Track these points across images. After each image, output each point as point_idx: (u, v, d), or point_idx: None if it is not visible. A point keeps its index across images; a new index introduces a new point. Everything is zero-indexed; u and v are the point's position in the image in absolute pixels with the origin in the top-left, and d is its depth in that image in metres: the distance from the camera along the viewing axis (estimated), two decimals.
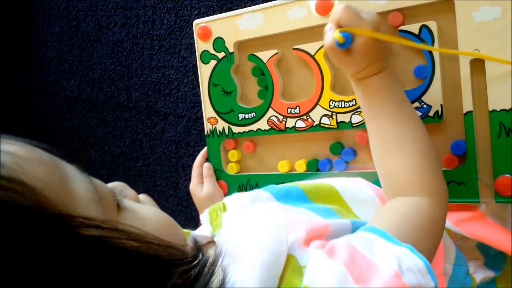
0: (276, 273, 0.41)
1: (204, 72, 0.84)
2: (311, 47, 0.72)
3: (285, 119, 0.77)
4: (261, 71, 0.78)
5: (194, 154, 1.21)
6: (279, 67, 0.77)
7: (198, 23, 0.82)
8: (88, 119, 1.47)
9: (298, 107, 0.75)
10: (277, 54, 0.76)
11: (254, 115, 0.80)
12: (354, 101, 0.70)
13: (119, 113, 1.38)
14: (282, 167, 0.79)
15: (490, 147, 0.60)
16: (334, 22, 0.55)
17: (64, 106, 1.54)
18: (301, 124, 0.75)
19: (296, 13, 0.72)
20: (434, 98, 0.64)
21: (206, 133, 0.86)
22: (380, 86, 0.57)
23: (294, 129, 0.76)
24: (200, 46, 0.83)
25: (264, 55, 0.77)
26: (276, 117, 0.77)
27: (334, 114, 0.72)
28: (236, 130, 0.82)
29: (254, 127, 0.80)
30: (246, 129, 0.81)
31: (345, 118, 0.71)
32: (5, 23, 1.65)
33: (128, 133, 1.37)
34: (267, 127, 0.79)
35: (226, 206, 0.57)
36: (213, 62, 0.82)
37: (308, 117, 0.74)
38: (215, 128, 0.84)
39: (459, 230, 0.65)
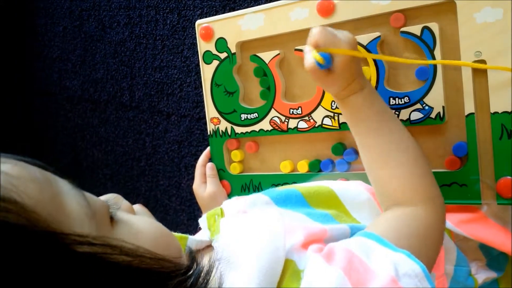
0: (273, 279, 0.41)
1: (206, 72, 0.84)
2: None
3: (287, 120, 0.77)
4: (263, 72, 0.78)
5: (197, 154, 1.21)
6: (281, 68, 0.77)
7: (201, 23, 0.82)
8: (91, 119, 1.47)
9: (300, 108, 0.75)
10: (279, 54, 0.76)
11: (257, 116, 0.80)
12: None
13: (122, 112, 1.38)
14: (285, 168, 0.79)
15: (492, 149, 0.60)
16: (312, 44, 0.56)
17: (67, 105, 1.54)
18: (303, 125, 0.75)
19: (298, 14, 0.72)
20: (436, 100, 0.64)
21: (209, 133, 0.86)
22: (362, 103, 0.58)
23: (296, 129, 0.76)
24: (202, 46, 0.83)
25: (266, 56, 0.77)
26: (278, 117, 0.77)
27: (336, 115, 0.72)
28: (238, 130, 0.82)
29: (256, 128, 0.80)
30: (248, 129, 0.81)
31: None
32: (8, 23, 1.65)
33: (131, 132, 1.38)
34: (270, 128, 0.79)
35: (223, 211, 0.57)
36: (215, 63, 0.82)
37: (310, 118, 0.74)
38: (218, 128, 0.84)
39: (461, 231, 0.65)
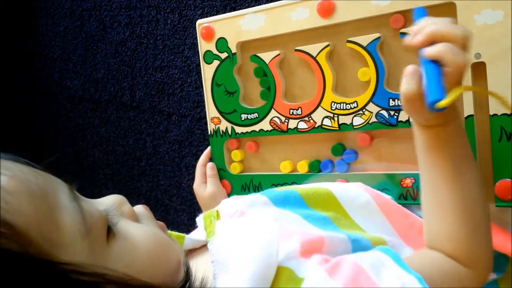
0: (265, 284, 0.41)
1: (207, 72, 0.84)
2: (313, 49, 0.72)
3: (287, 120, 0.77)
4: (263, 72, 0.78)
5: (197, 153, 1.21)
6: (281, 68, 0.78)
7: (201, 23, 0.83)
8: (91, 119, 1.48)
9: (300, 109, 0.75)
10: (279, 55, 0.76)
11: (257, 116, 0.80)
12: (355, 103, 0.70)
13: (123, 112, 1.38)
14: (285, 168, 0.79)
15: (491, 151, 0.60)
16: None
17: (68, 105, 1.54)
18: (303, 125, 0.75)
19: (298, 14, 0.72)
20: None
21: (209, 133, 0.86)
22: (443, 140, 0.49)
23: (296, 130, 0.76)
24: (203, 46, 0.83)
25: (266, 56, 0.77)
26: (278, 118, 0.78)
27: (335, 115, 0.72)
28: (239, 130, 0.82)
29: (256, 128, 0.80)
30: (248, 129, 0.81)
31: (346, 120, 0.71)
32: (9, 23, 1.65)
33: (131, 132, 1.38)
34: (270, 128, 0.79)
35: (219, 213, 0.57)
36: (216, 63, 0.82)
37: (310, 118, 0.75)
38: (218, 128, 0.84)
39: None
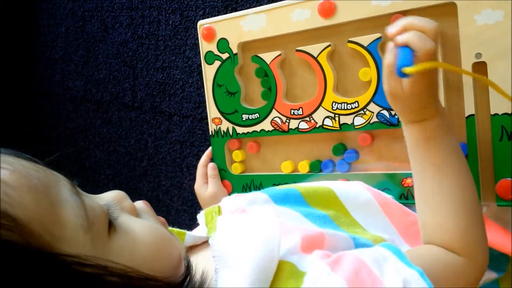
0: (267, 278, 0.41)
1: (208, 72, 0.84)
2: (314, 49, 0.72)
3: (288, 120, 0.77)
4: (264, 72, 0.79)
5: (198, 154, 1.21)
6: (282, 69, 0.78)
7: (202, 24, 0.83)
8: (93, 119, 1.48)
9: (301, 109, 0.75)
10: (280, 55, 0.76)
11: (258, 116, 0.80)
12: (356, 103, 0.70)
13: (124, 113, 1.39)
14: (286, 168, 0.79)
15: (492, 151, 0.60)
16: (401, 42, 0.50)
17: (69, 106, 1.55)
18: (304, 125, 0.76)
19: (299, 14, 0.73)
20: None
21: (210, 133, 0.86)
22: (430, 134, 0.53)
23: (297, 130, 0.76)
24: (204, 46, 0.83)
25: (267, 57, 0.77)
26: (279, 118, 0.78)
27: (336, 116, 0.72)
28: (240, 130, 0.82)
29: (257, 128, 0.80)
30: (250, 129, 0.81)
31: (347, 120, 0.71)
32: (10, 24, 1.66)
33: (133, 133, 1.38)
34: (271, 128, 0.79)
35: (221, 209, 0.57)
36: (217, 63, 0.83)
37: (311, 118, 0.75)
38: (220, 128, 0.85)
39: None
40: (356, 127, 0.71)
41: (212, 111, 0.85)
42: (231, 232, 0.49)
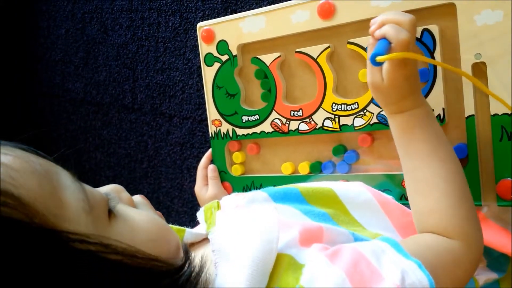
0: (266, 270, 0.41)
1: (208, 74, 0.84)
2: (314, 50, 0.73)
3: (288, 122, 0.77)
4: (264, 74, 0.79)
5: (198, 155, 1.21)
6: (282, 70, 0.78)
7: (202, 26, 0.83)
8: (93, 121, 1.48)
9: (301, 110, 0.75)
10: (280, 57, 0.76)
11: (258, 118, 0.80)
12: (356, 104, 0.70)
13: (124, 115, 1.39)
14: (286, 169, 0.79)
15: (492, 151, 0.60)
16: (378, 36, 0.54)
17: (69, 108, 1.55)
18: (304, 126, 0.76)
19: (298, 16, 0.73)
20: (436, 101, 0.64)
21: (210, 135, 0.86)
22: (414, 123, 0.55)
23: (297, 131, 0.76)
24: (204, 48, 0.83)
25: (267, 58, 0.77)
26: (279, 119, 0.78)
27: (336, 117, 0.72)
28: (240, 132, 0.82)
29: (257, 130, 0.80)
30: (250, 131, 0.81)
31: (347, 121, 0.71)
32: (11, 26, 1.66)
33: (133, 134, 1.38)
34: (271, 130, 0.79)
35: (220, 205, 0.58)
36: (216, 65, 0.83)
37: (311, 119, 0.75)
38: (220, 130, 0.85)
39: None
40: (356, 128, 0.71)
41: (212, 113, 0.85)
42: (230, 225, 0.49)
